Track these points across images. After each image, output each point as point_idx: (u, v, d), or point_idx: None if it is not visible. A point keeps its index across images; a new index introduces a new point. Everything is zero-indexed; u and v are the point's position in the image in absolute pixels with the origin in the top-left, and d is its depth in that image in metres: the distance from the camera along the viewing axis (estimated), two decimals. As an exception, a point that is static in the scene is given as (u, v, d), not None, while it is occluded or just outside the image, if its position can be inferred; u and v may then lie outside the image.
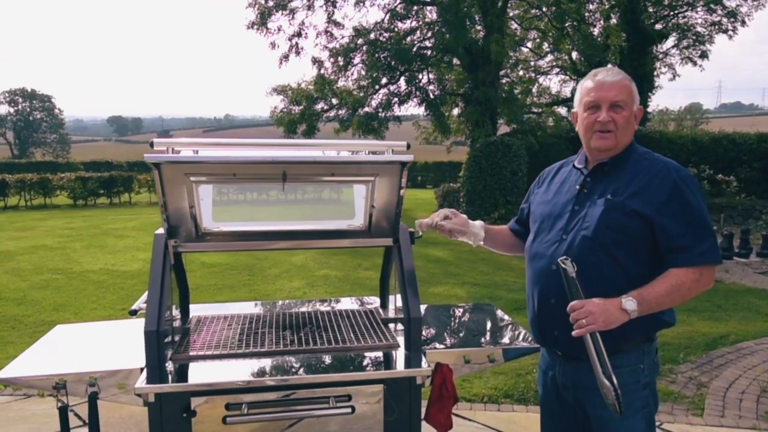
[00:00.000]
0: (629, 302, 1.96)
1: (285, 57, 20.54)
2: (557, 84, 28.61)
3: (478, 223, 2.53)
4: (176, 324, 2.70)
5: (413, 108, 21.39)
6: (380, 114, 20.68)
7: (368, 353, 2.48)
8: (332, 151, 2.63)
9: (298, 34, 20.30)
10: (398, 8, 20.01)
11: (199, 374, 2.27)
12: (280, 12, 19.90)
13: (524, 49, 25.07)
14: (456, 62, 20.25)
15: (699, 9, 22.59)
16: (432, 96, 20.57)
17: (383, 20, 20.17)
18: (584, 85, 2.17)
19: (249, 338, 2.57)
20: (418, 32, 20.43)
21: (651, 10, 22.09)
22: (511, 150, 15.65)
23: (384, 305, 3.13)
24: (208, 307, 3.17)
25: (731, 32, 22.58)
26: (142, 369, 2.27)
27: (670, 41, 23.68)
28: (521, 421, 4.17)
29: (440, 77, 21.25)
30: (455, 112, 22.41)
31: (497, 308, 3.29)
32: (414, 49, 19.81)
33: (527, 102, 23.95)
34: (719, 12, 22.30)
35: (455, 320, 3.09)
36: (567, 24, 20.50)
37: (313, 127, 20.78)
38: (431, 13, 20.28)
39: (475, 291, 8.24)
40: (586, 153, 2.24)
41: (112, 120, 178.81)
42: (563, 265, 1.99)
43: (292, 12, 19.92)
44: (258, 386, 2.23)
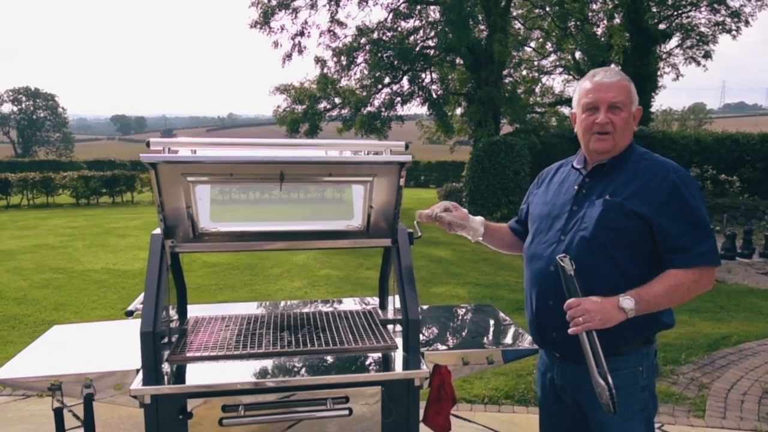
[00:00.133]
0: (626, 301, 1.94)
1: (288, 56, 20.57)
2: (560, 84, 28.74)
3: (479, 219, 2.51)
4: (173, 325, 2.69)
5: (416, 107, 21.48)
6: (383, 113, 20.72)
7: (366, 354, 2.47)
8: (331, 151, 2.62)
9: (301, 33, 20.33)
10: (401, 7, 20.02)
11: (196, 376, 2.26)
12: (283, 11, 19.93)
13: (527, 49, 25.12)
14: (459, 62, 20.25)
15: (702, 9, 22.60)
16: (435, 95, 20.60)
17: (386, 19, 20.19)
18: (582, 86, 2.15)
19: (246, 339, 2.55)
20: (421, 32, 20.44)
21: (654, 10, 22.08)
22: (514, 150, 15.64)
23: (383, 306, 3.12)
24: (206, 308, 3.15)
25: (735, 32, 22.62)
26: (138, 370, 2.25)
27: (674, 41, 23.71)
28: (522, 423, 4.15)
29: (443, 77, 21.27)
30: (458, 112, 22.42)
31: (497, 309, 3.27)
32: (417, 49, 19.84)
33: (530, 102, 23.99)
34: (723, 12, 22.31)
35: (454, 321, 3.07)
36: (570, 24, 20.48)
37: (316, 127, 20.80)
38: (434, 13, 20.28)
39: (477, 291, 8.21)
40: (585, 154, 2.23)
41: (116, 119, 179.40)
42: (561, 263, 1.98)
43: (295, 11, 19.95)
44: (255, 388, 2.21)
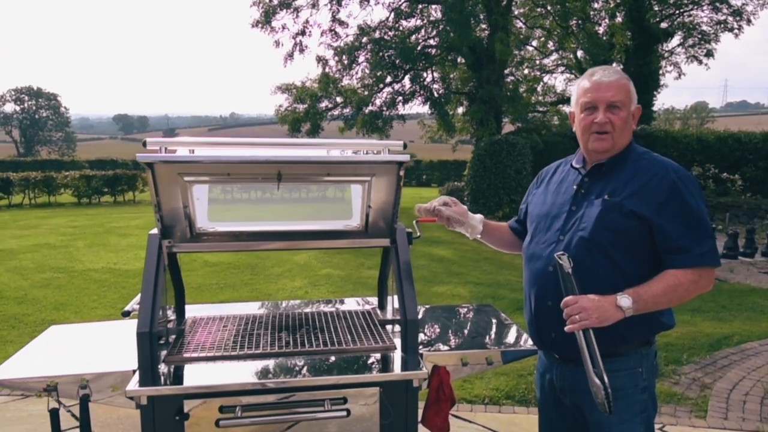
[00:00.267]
0: (624, 299, 1.93)
1: (290, 55, 20.58)
2: (562, 82, 28.65)
3: (478, 216, 2.50)
4: (171, 325, 2.67)
5: (418, 107, 21.46)
6: (385, 113, 20.70)
7: (365, 355, 2.45)
8: (329, 151, 2.60)
9: (303, 33, 20.33)
10: (403, 7, 20.00)
11: (193, 376, 2.24)
12: (285, 10, 19.93)
13: (529, 48, 25.10)
14: (460, 61, 20.21)
15: (704, 7, 22.57)
16: (436, 95, 20.57)
17: (388, 19, 20.17)
18: (581, 85, 2.13)
19: (244, 340, 2.54)
20: (423, 31, 20.41)
21: (656, 9, 22.02)
22: (516, 149, 15.64)
23: (382, 306, 3.10)
24: (204, 308, 3.14)
25: (737, 31, 22.58)
26: (135, 371, 2.24)
27: (676, 40, 23.70)
28: (522, 423, 4.13)
29: (445, 76, 21.24)
30: (460, 111, 22.38)
31: (497, 309, 3.25)
32: (418, 48, 19.80)
33: (532, 101, 23.97)
34: (725, 11, 22.28)
35: (454, 322, 3.05)
36: (572, 22, 20.47)
37: (317, 126, 20.80)
38: (436, 12, 20.24)
39: (478, 290, 8.19)
40: (584, 153, 2.21)
41: (118, 118, 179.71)
42: (559, 261, 1.96)
43: (297, 10, 19.94)
44: (252, 389, 2.20)
